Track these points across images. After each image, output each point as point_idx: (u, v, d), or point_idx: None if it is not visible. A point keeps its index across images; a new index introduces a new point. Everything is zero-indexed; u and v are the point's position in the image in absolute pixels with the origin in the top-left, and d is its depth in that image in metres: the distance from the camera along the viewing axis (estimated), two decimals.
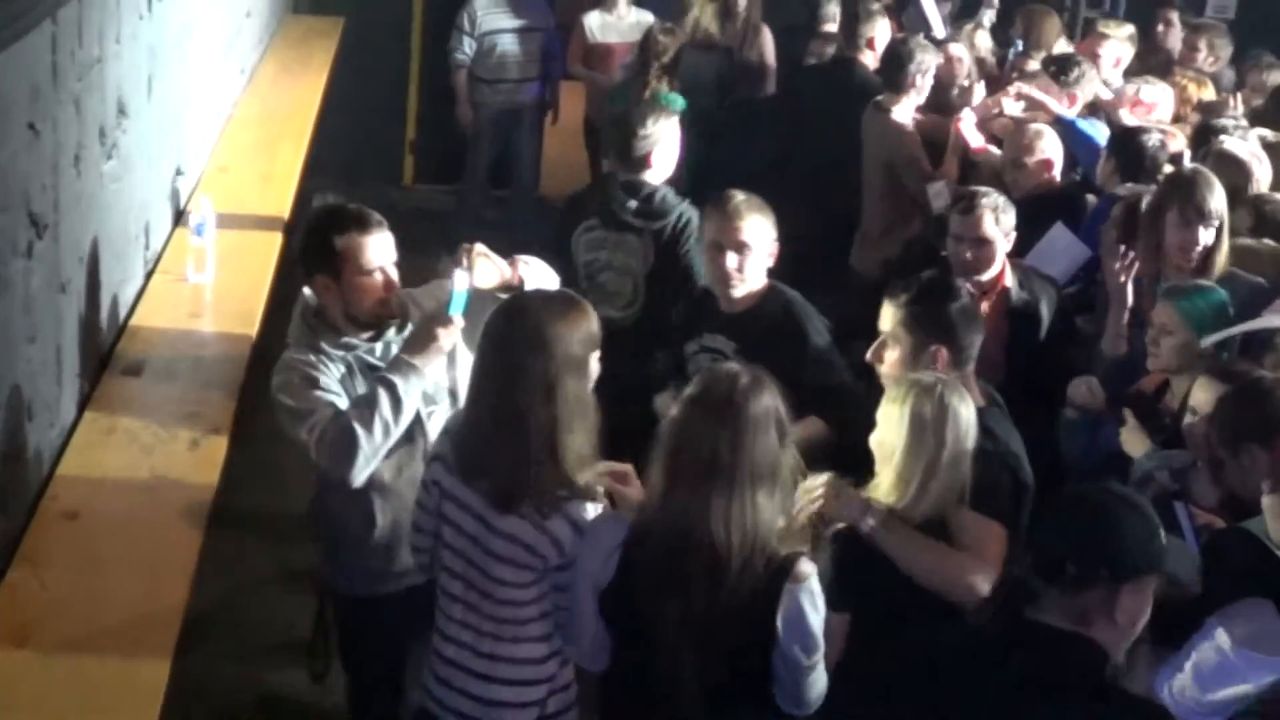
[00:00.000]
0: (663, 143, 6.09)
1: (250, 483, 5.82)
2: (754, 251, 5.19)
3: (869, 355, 4.64)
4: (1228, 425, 4.21)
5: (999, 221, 5.63)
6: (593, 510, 3.83)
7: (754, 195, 5.29)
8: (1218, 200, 5.49)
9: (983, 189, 5.89)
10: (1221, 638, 3.61)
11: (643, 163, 6.08)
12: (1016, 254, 5.90)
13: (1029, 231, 6.18)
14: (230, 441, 4.96)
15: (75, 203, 4.80)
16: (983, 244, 5.63)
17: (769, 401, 3.61)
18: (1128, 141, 6.68)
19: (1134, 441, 4.88)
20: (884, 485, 4.11)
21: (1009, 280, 5.68)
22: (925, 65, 7.69)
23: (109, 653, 3.85)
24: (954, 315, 4.55)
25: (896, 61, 7.73)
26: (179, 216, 6.67)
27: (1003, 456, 4.37)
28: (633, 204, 6.07)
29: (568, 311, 3.89)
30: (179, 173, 6.81)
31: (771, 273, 5.31)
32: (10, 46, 3.93)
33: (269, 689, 5.63)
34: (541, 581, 3.88)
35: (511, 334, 3.83)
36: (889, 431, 4.08)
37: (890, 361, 4.55)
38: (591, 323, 3.92)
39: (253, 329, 5.71)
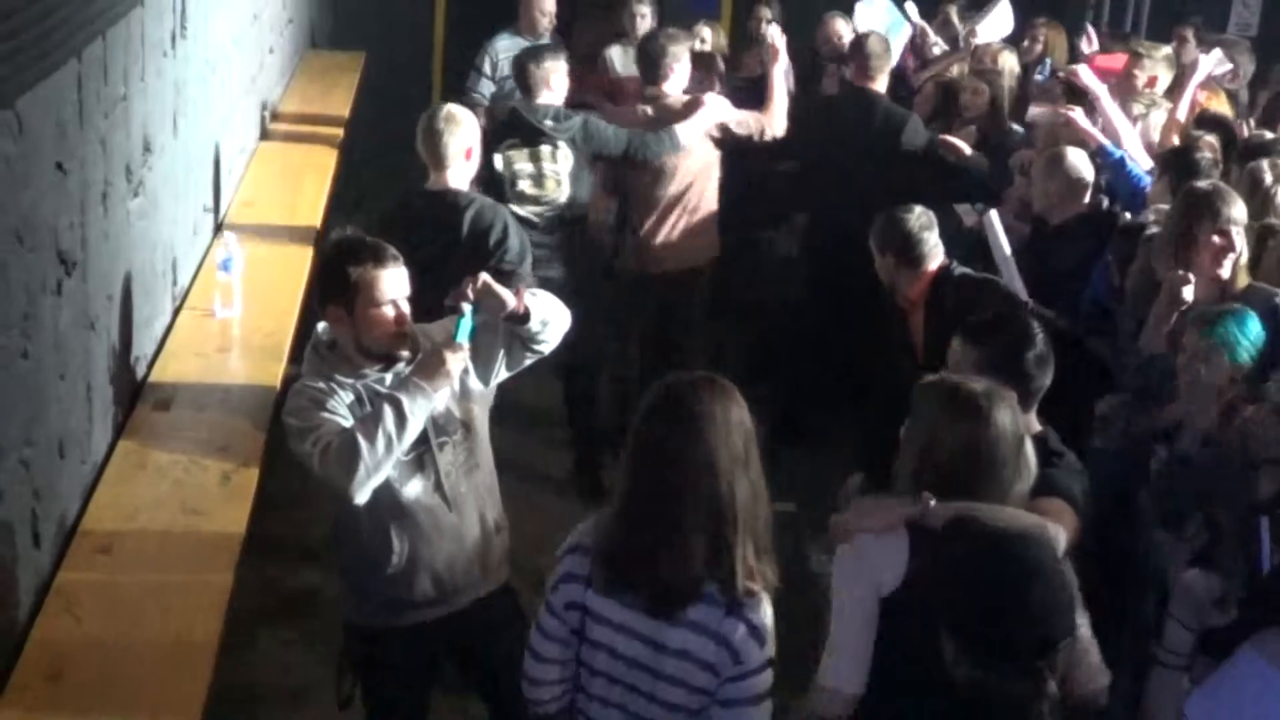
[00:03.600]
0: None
1: (281, 514, 5.84)
2: None
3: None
4: None
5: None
6: (769, 608, 3.62)
7: None
8: (1241, 210, 5.47)
9: (905, 208, 6.06)
10: (1258, 663, 3.59)
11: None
12: (1051, 282, 5.95)
13: (1062, 255, 6.20)
14: (260, 474, 4.98)
15: (103, 240, 4.83)
16: None
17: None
18: (1182, 159, 6.60)
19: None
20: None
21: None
22: (679, 56, 7.82)
23: (142, 687, 3.87)
24: (1030, 362, 4.52)
25: (650, 57, 7.86)
26: (205, 252, 6.72)
27: (1069, 467, 4.42)
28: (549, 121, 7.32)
29: (727, 395, 3.71)
30: (205, 209, 6.84)
31: None
32: (37, 85, 3.96)
33: None
34: (710, 706, 3.66)
35: (701, 421, 3.62)
36: (926, 438, 3.96)
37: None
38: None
39: (280, 362, 5.73)
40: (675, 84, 7.79)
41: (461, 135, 6.31)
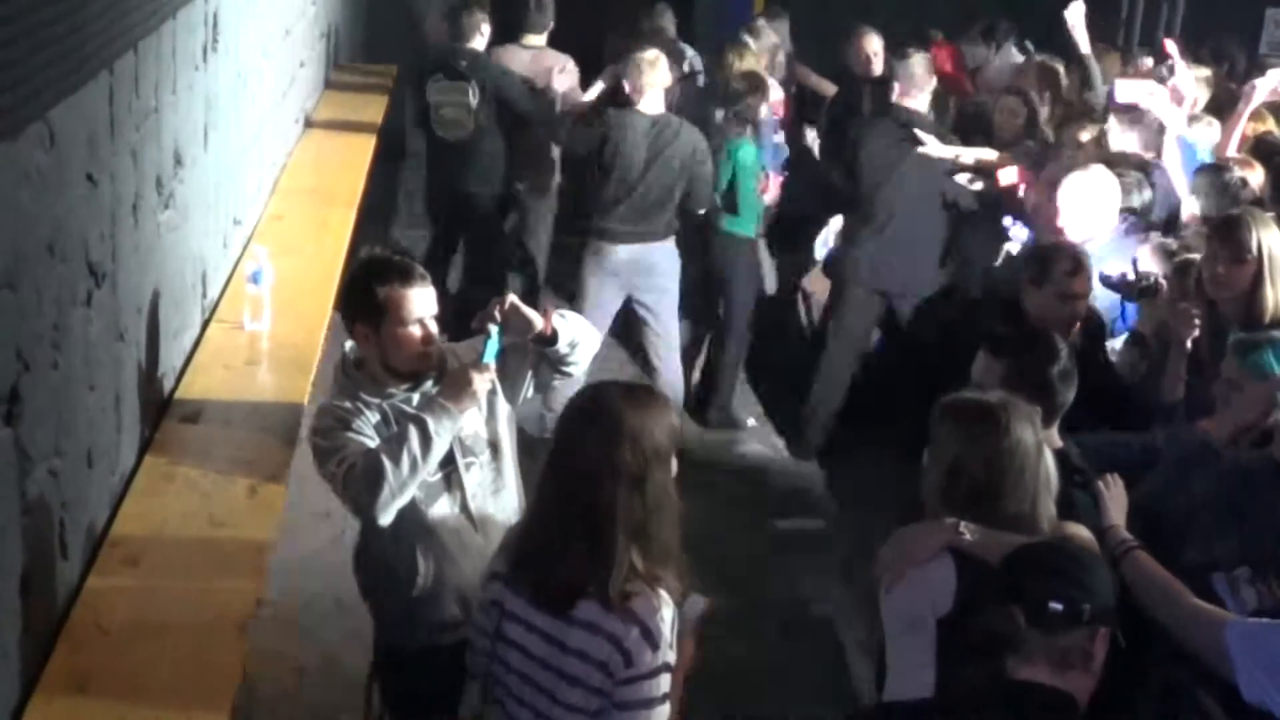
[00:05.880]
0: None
1: (309, 529, 5.84)
2: None
3: None
4: None
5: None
6: (669, 613, 3.66)
7: None
8: (1257, 239, 5.42)
9: (1069, 245, 5.84)
10: None
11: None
12: None
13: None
14: (287, 489, 4.98)
15: (133, 252, 4.84)
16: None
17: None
18: (1210, 179, 6.57)
19: None
20: (943, 516, 3.96)
21: None
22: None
23: (168, 700, 3.85)
24: (1054, 377, 4.51)
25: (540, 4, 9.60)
26: (235, 265, 6.73)
27: (1084, 479, 4.39)
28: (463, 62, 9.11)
29: (650, 403, 3.75)
30: (235, 222, 6.86)
31: None
32: (68, 97, 3.96)
33: None
34: (607, 709, 3.68)
35: (594, 428, 3.68)
36: (948, 456, 3.98)
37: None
38: (672, 415, 3.79)
39: (309, 376, 5.74)
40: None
41: (661, 72, 8.13)
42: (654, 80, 8.15)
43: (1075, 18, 8.63)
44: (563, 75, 9.47)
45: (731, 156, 8.53)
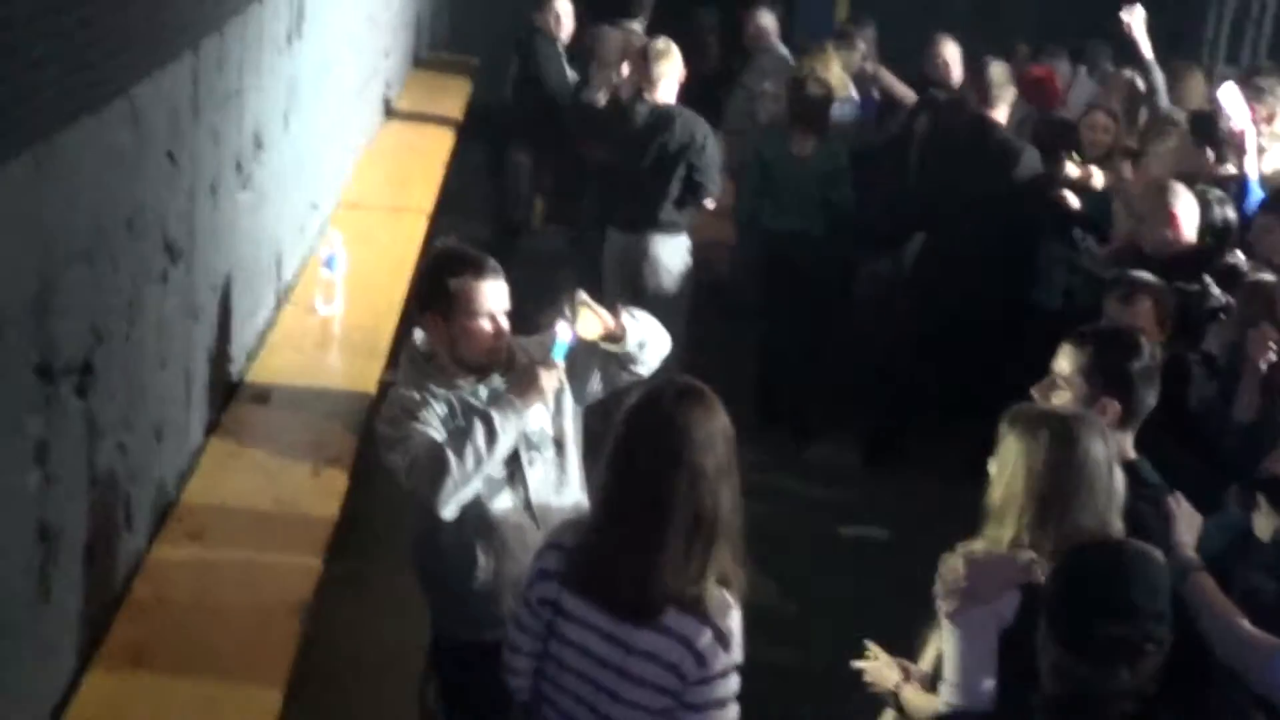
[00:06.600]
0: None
1: (375, 517, 5.85)
2: None
3: (1033, 391, 4.48)
4: None
5: (1154, 310, 5.51)
6: (737, 614, 3.64)
7: None
8: None
9: (1136, 274, 5.73)
10: None
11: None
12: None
13: None
14: (354, 473, 5.00)
15: (210, 232, 4.88)
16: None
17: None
18: None
19: (1265, 526, 4.72)
20: (1008, 527, 3.89)
21: None
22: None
23: (225, 675, 3.89)
24: (1135, 373, 4.43)
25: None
26: (311, 249, 6.78)
27: (1154, 494, 4.30)
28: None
29: (711, 405, 3.68)
30: (313, 206, 6.90)
31: None
32: (151, 75, 4.01)
33: None
34: (675, 709, 3.63)
35: (667, 432, 3.60)
36: (1015, 466, 3.90)
37: (1056, 404, 4.39)
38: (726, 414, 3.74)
39: (379, 362, 5.77)
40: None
41: (673, 62, 8.09)
42: (664, 70, 8.10)
43: (1133, 21, 8.52)
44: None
45: (830, 161, 8.50)
